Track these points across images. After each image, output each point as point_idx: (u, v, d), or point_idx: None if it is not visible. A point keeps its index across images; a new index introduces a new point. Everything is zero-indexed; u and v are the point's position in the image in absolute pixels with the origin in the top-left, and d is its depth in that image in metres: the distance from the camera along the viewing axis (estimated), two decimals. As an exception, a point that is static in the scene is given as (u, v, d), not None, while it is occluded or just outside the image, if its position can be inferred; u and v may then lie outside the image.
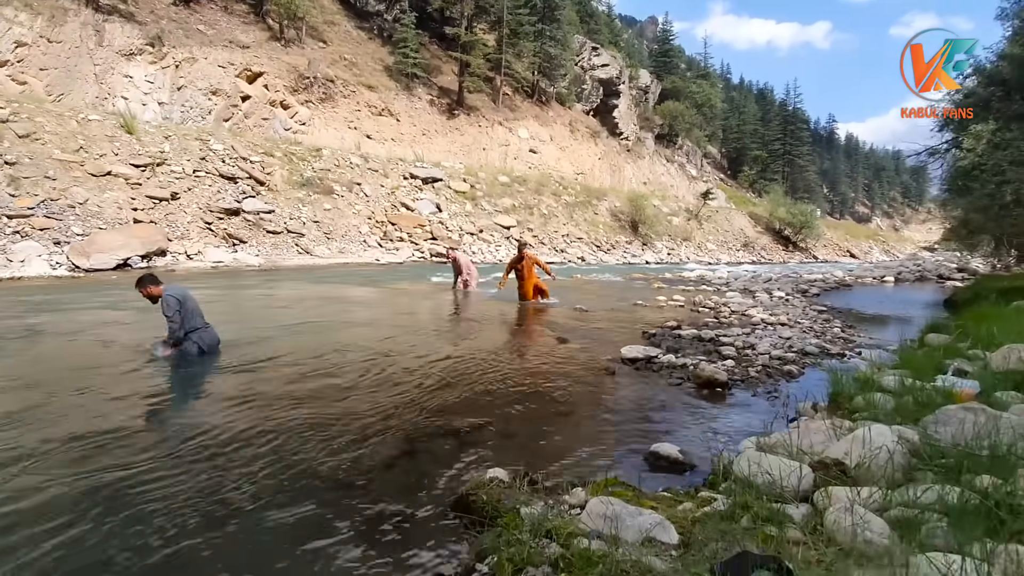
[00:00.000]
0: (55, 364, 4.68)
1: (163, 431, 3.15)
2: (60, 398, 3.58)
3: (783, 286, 13.75)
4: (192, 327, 4.78)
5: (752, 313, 8.13)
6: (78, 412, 3.33)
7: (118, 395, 3.69)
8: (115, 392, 3.75)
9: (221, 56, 23.91)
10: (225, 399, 3.67)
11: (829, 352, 5.59)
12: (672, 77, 55.55)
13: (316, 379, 4.20)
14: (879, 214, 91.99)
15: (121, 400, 3.59)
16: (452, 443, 2.95)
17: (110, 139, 16.66)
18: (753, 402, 3.87)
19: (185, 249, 14.94)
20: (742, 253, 39.37)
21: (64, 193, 14.21)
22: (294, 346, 5.34)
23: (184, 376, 4.38)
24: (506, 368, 4.72)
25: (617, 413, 3.60)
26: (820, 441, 2.23)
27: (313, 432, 3.06)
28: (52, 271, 11.70)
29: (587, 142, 40.94)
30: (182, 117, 22.07)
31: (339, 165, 22.43)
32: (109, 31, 21.30)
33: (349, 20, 32.34)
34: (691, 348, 5.66)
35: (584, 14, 49.29)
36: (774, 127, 64.85)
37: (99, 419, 3.19)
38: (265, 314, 7.77)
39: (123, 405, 3.50)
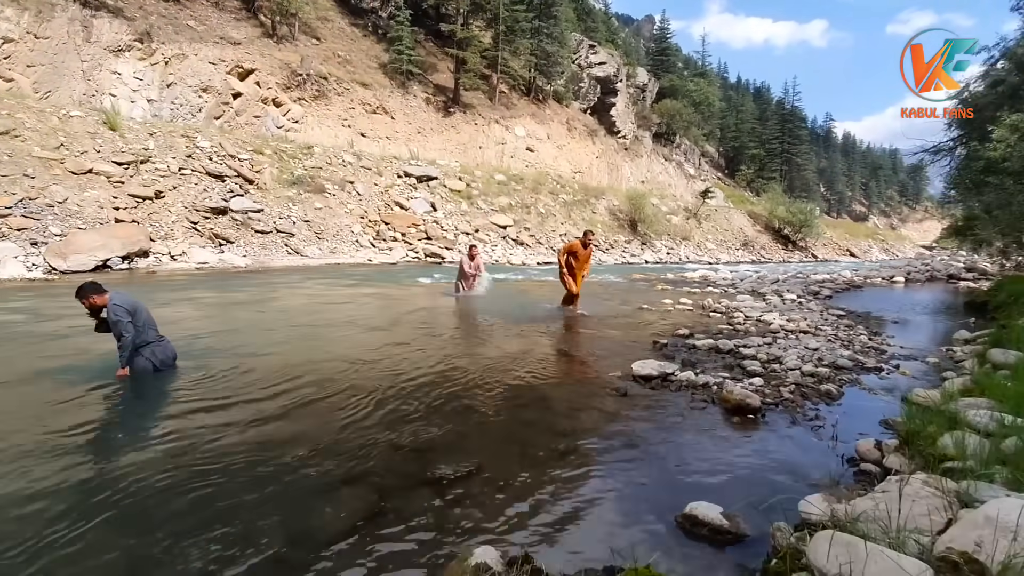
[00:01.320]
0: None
1: (80, 490, 2.57)
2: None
3: (792, 287, 13.22)
4: (144, 341, 4.19)
5: (769, 319, 7.58)
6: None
7: (41, 432, 3.11)
8: (36, 430, 3.18)
9: (212, 53, 23.26)
10: (166, 435, 3.09)
11: (864, 366, 5.03)
12: (670, 76, 55.05)
13: (278, 406, 3.61)
14: (876, 213, 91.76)
15: (44, 440, 3.02)
16: (431, 498, 2.38)
17: (92, 136, 16.02)
18: (794, 433, 3.29)
19: (169, 250, 14.32)
20: (741, 252, 38.88)
21: (43, 192, 13.59)
22: (261, 364, 4.74)
23: (126, 405, 3.78)
24: (500, 390, 4.14)
25: (635, 451, 2.99)
26: (924, 513, 1.69)
27: (258, 482, 2.49)
28: (27, 273, 11.08)
29: (585, 140, 40.37)
30: (172, 114, 21.44)
31: (331, 163, 21.80)
32: (97, 27, 20.66)
33: (343, 17, 31.69)
34: (710, 362, 5.10)
35: (581, 12, 48.72)
36: (772, 126, 64.43)
37: (12, 473, 2.62)
38: (240, 322, 7.18)
39: (44, 447, 2.92)
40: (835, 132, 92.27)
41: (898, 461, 2.48)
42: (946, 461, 2.19)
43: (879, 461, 2.61)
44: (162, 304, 8.18)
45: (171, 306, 8.08)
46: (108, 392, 3.87)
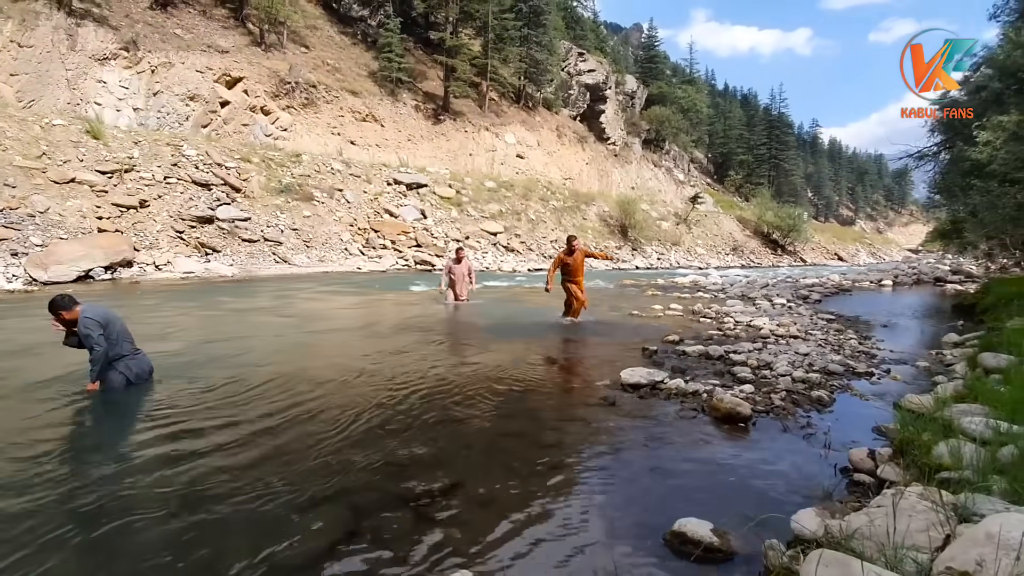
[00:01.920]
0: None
1: (42, 513, 2.44)
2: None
3: (782, 292, 13.24)
4: (118, 354, 4.05)
5: (759, 324, 7.54)
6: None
7: (4, 452, 2.98)
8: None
9: (199, 61, 23.10)
10: (134, 454, 2.97)
11: (855, 371, 4.99)
12: (658, 83, 55.51)
13: (254, 421, 3.49)
14: (863, 217, 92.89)
15: (6, 459, 2.88)
16: (408, 518, 2.27)
17: (75, 145, 15.81)
18: (786, 442, 3.21)
19: (154, 259, 14.11)
20: (731, 257, 39.11)
21: (24, 202, 13.36)
22: (239, 376, 4.62)
23: (96, 422, 3.62)
24: (484, 401, 4.03)
25: (622, 464, 2.90)
26: (921, 528, 1.61)
27: (229, 502, 2.37)
28: (7, 284, 10.84)
29: (574, 147, 40.52)
30: (158, 123, 21.22)
31: (320, 171, 21.67)
32: (82, 35, 20.45)
33: (332, 25, 31.66)
34: (700, 368, 5.03)
35: (570, 20, 49.05)
36: (759, 132, 65.14)
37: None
38: (221, 333, 7.03)
39: (6, 468, 2.79)
40: (821, 138, 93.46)
41: (893, 471, 2.41)
42: (942, 471, 2.12)
43: (873, 471, 2.54)
44: (144, 315, 8.01)
45: (153, 317, 7.92)
46: (79, 408, 3.73)
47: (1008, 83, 9.11)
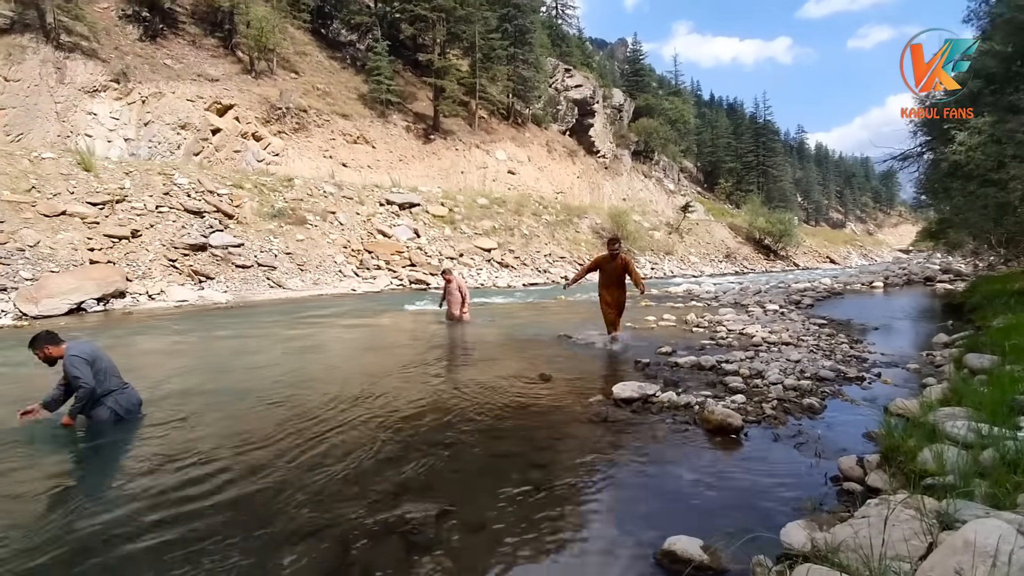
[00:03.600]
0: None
1: (27, 553, 2.41)
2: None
3: (775, 298, 13.30)
4: (106, 389, 4.03)
5: (751, 332, 7.57)
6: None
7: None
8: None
9: (189, 90, 23.32)
10: (122, 489, 2.95)
11: (846, 376, 5.01)
12: (645, 95, 56.34)
13: (242, 452, 3.47)
14: (853, 219, 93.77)
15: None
16: (399, 547, 2.25)
17: (65, 177, 15.84)
18: (777, 451, 3.22)
19: (147, 289, 14.07)
20: (725, 264, 39.29)
21: (13, 236, 13.34)
22: (227, 406, 4.61)
23: (84, 459, 3.59)
24: (475, 422, 4.02)
25: (613, 482, 2.90)
26: (904, 538, 1.62)
27: (216, 537, 2.35)
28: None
29: (565, 161, 40.89)
30: (150, 153, 21.32)
31: (312, 194, 21.76)
32: (71, 68, 20.63)
33: (321, 50, 32.04)
34: (692, 380, 5.04)
35: (555, 37, 49.87)
36: (746, 139, 65.99)
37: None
38: (211, 361, 7.00)
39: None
40: (808, 143, 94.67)
41: (880, 479, 2.42)
42: (927, 477, 2.14)
43: (862, 479, 2.55)
44: (134, 346, 7.97)
45: (143, 347, 7.88)
46: (67, 444, 3.71)
47: (984, 86, 9.31)
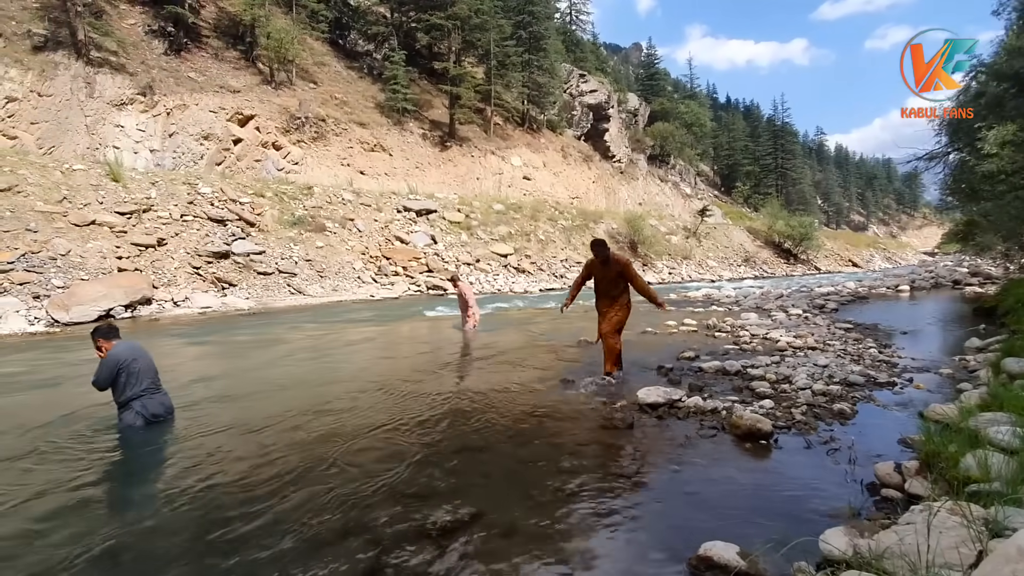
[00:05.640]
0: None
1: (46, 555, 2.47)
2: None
3: (797, 302, 13.09)
4: (135, 393, 4.11)
5: (775, 336, 7.46)
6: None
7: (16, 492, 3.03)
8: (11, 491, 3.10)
9: (212, 101, 23.85)
10: (150, 491, 3.03)
11: (876, 381, 4.91)
12: (660, 99, 56.21)
13: (274, 454, 3.52)
14: (875, 222, 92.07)
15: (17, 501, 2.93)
16: (432, 551, 2.26)
17: (95, 188, 16.28)
18: (810, 458, 3.16)
19: (172, 296, 14.36)
20: (743, 268, 38.82)
21: (46, 245, 13.73)
22: (257, 410, 4.68)
23: (112, 463, 3.63)
24: (501, 427, 4.03)
25: (643, 487, 2.87)
26: (952, 545, 1.58)
27: (250, 540, 2.38)
28: (29, 327, 11.08)
29: (580, 166, 40.88)
30: (174, 163, 21.83)
31: (331, 202, 22.05)
32: (100, 82, 21.24)
33: (339, 60, 32.56)
34: (717, 385, 4.99)
35: (570, 43, 50.05)
36: (764, 142, 65.28)
37: None
38: (239, 367, 7.12)
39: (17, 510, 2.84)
40: (827, 145, 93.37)
41: (921, 486, 2.37)
42: (971, 484, 2.08)
43: (900, 486, 2.49)
44: (162, 352, 8.14)
45: (171, 353, 8.04)
46: (94, 448, 3.78)
47: (1007, 88, 9.06)
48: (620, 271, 5.61)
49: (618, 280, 5.63)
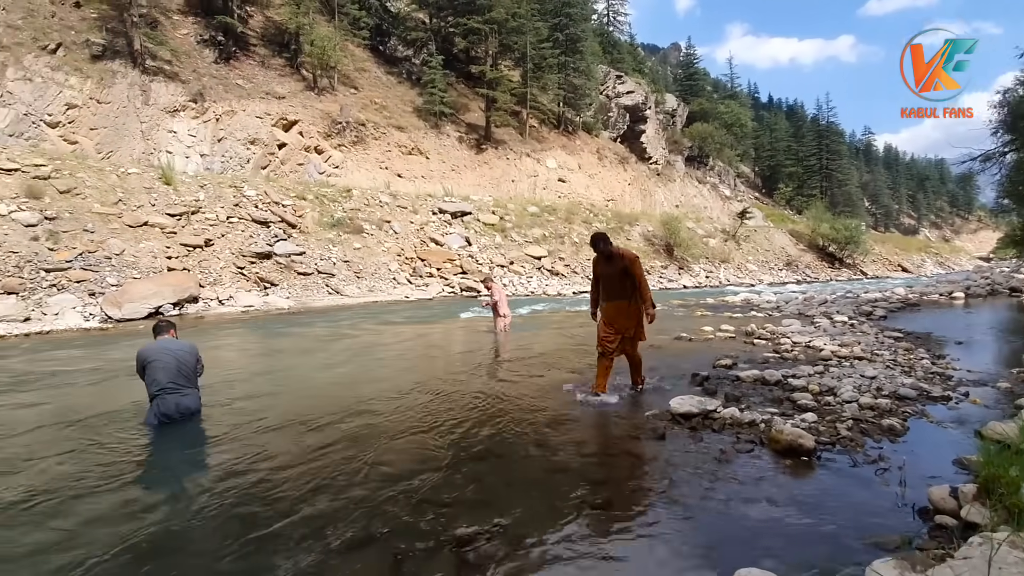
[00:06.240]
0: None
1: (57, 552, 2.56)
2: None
3: (842, 308, 12.55)
4: (152, 392, 4.22)
5: (819, 345, 7.15)
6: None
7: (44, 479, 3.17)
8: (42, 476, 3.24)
9: (259, 107, 24.71)
10: (162, 492, 3.09)
11: (929, 395, 4.63)
12: (699, 99, 55.13)
13: (296, 455, 3.57)
14: (927, 225, 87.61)
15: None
16: (451, 563, 2.22)
17: (148, 191, 17.08)
18: (855, 478, 2.98)
19: (217, 295, 14.92)
20: (785, 272, 37.56)
21: (101, 245, 14.47)
22: (284, 409, 4.79)
23: (134, 458, 3.67)
24: (528, 433, 3.96)
25: (676, 503, 2.75)
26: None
27: (266, 546, 2.39)
28: (84, 323, 11.71)
29: (616, 168, 40.45)
30: (222, 167, 22.70)
31: (369, 204, 22.50)
32: (155, 90, 22.28)
33: (379, 66, 33.23)
34: (755, 395, 4.80)
35: (607, 44, 49.63)
36: (808, 142, 63.07)
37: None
38: (274, 365, 7.31)
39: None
40: (875, 145, 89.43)
41: (979, 513, 2.20)
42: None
43: (956, 512, 2.32)
44: (205, 349, 8.45)
45: (215, 351, 8.33)
46: (131, 444, 3.92)
47: None
48: (625, 267, 4.92)
49: (624, 278, 4.94)
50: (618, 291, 5.01)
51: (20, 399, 5.46)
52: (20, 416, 4.82)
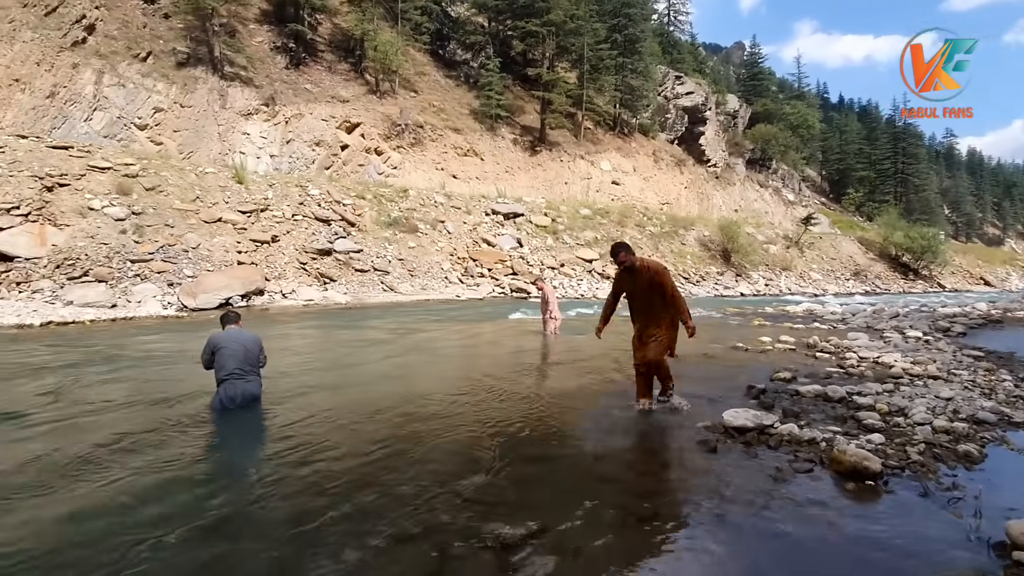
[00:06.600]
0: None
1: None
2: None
3: (916, 323, 11.74)
4: (219, 377, 4.52)
5: (889, 361, 6.74)
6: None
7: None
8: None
9: (324, 111, 25.85)
10: (207, 480, 3.25)
11: (1011, 420, 4.27)
12: (763, 100, 53.01)
13: (343, 449, 3.70)
14: (1013, 235, 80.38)
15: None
16: (493, 565, 2.24)
17: (222, 189, 18.20)
18: (925, 507, 2.80)
19: (281, 288, 15.73)
20: (852, 283, 35.52)
21: (180, 239, 15.57)
22: (337, 402, 5.00)
23: (189, 442, 3.88)
24: (573, 440, 3.95)
25: (726, 522, 2.65)
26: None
27: (312, 538, 2.48)
28: (163, 311, 12.64)
29: (672, 171, 39.53)
30: (290, 167, 23.90)
31: (424, 204, 23.05)
32: (231, 95, 23.76)
33: (438, 70, 33.98)
34: (816, 412, 4.60)
35: (667, 45, 48.64)
36: (882, 145, 59.34)
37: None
38: (331, 357, 7.64)
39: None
40: (958, 149, 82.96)
41: (1066, 554, 2.04)
42: None
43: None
44: (269, 339, 8.95)
45: (278, 340, 8.79)
46: (199, 428, 4.20)
47: None
48: (651, 279, 4.52)
49: (652, 292, 4.52)
50: (646, 307, 4.62)
51: (116, 375, 6.05)
52: (114, 391, 5.34)
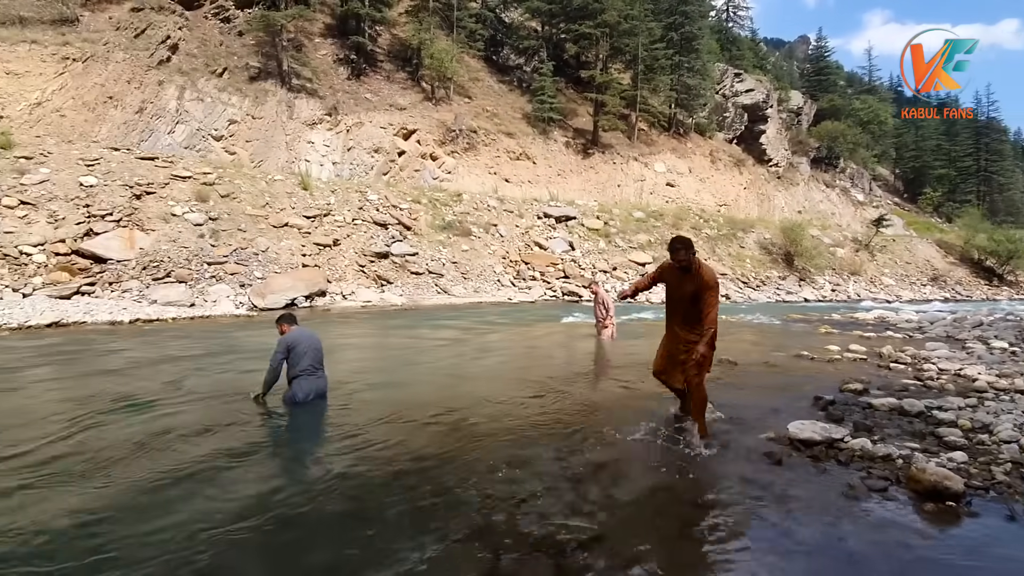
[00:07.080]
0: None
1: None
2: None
3: (1002, 333, 10.86)
4: (294, 373, 4.80)
5: (972, 374, 6.30)
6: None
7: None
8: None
9: (383, 119, 26.80)
10: (272, 474, 3.46)
11: (1116, 445, 3.94)
12: (829, 96, 50.36)
13: (404, 446, 3.85)
14: (1107, 238, 72.24)
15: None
16: (549, 569, 2.28)
17: (289, 195, 19.22)
18: (1012, 532, 2.62)
19: (341, 290, 16.42)
20: (929, 289, 33.10)
21: (251, 243, 16.56)
22: (396, 401, 5.18)
23: (258, 435, 4.21)
24: (634, 448, 3.92)
25: (790, 539, 2.55)
26: None
27: (374, 526, 2.62)
28: (235, 310, 13.49)
29: (730, 172, 38.24)
30: (350, 174, 24.91)
31: (477, 208, 23.42)
32: (298, 106, 25.06)
33: (491, 75, 34.45)
34: (891, 427, 4.38)
35: (725, 41, 47.19)
36: (963, 141, 55.01)
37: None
38: (390, 357, 7.91)
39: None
40: (1049, 144, 75.54)
41: None
42: None
43: None
44: (330, 338, 9.40)
45: (339, 339, 9.21)
46: (270, 421, 4.50)
47: None
48: (697, 289, 4.06)
49: (695, 300, 4.09)
50: (681, 314, 4.30)
51: (202, 370, 6.58)
52: (200, 385, 5.82)
